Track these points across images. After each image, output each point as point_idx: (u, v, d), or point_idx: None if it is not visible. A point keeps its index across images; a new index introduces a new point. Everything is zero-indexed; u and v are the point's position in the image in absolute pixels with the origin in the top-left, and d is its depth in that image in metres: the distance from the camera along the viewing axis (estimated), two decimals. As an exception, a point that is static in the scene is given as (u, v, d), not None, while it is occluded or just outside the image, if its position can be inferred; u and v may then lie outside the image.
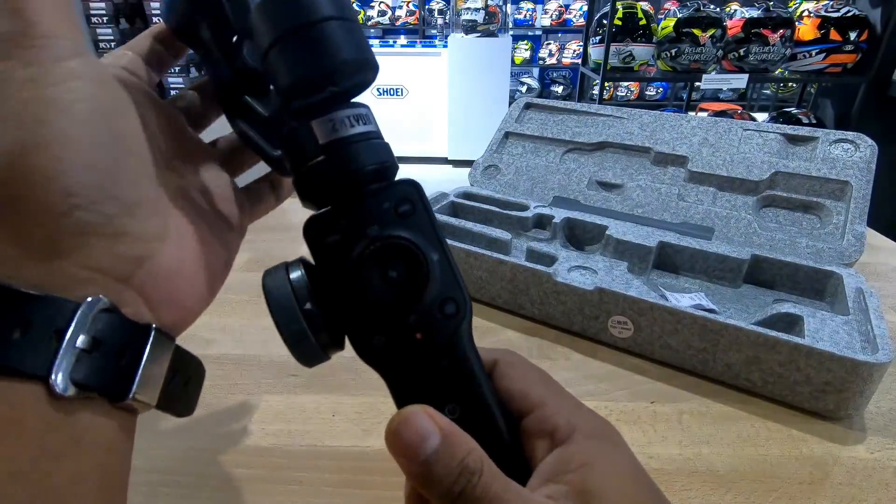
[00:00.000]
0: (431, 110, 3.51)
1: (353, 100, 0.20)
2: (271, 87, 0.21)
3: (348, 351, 0.35)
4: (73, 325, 0.16)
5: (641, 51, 2.12)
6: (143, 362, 0.17)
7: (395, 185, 0.19)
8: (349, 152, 0.18)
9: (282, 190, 0.28)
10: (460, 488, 0.17)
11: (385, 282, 0.19)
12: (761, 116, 2.58)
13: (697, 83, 2.08)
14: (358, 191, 0.19)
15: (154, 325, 0.18)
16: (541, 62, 4.74)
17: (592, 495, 0.18)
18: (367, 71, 0.19)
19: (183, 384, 0.19)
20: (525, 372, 0.22)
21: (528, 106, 0.73)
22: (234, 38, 0.23)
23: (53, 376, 0.15)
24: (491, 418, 0.20)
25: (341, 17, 0.18)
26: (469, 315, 0.20)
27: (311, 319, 0.19)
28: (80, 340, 0.16)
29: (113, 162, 0.17)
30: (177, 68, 5.23)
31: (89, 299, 0.16)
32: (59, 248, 0.16)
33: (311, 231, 0.19)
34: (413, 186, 0.20)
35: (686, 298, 0.48)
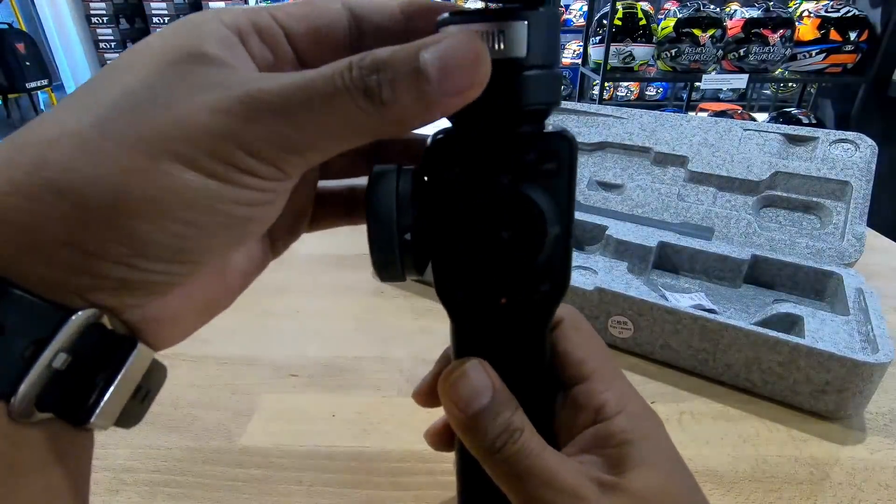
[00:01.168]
0: (431, 110, 3.51)
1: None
2: None
3: (348, 351, 0.35)
4: (57, 337, 0.14)
5: (641, 51, 2.12)
6: (113, 386, 0.15)
7: (548, 137, 0.17)
8: (525, 78, 0.15)
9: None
10: (502, 443, 0.18)
11: (491, 237, 0.17)
12: (761, 116, 2.58)
13: (697, 83, 2.08)
14: (511, 123, 0.16)
15: (139, 342, 0.16)
16: (541, 62, 4.72)
17: (627, 469, 0.18)
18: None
19: (141, 400, 0.17)
20: (587, 339, 0.22)
21: (528, 106, 0.73)
22: None
23: (16, 399, 0.13)
24: (537, 390, 0.20)
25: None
26: (561, 298, 0.19)
27: (405, 248, 0.17)
28: (58, 359, 0.14)
29: (206, 245, 0.15)
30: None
31: (80, 312, 0.14)
32: (72, 272, 0.14)
33: (437, 149, 0.17)
34: (568, 143, 0.17)
35: (686, 298, 0.48)
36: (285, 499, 0.32)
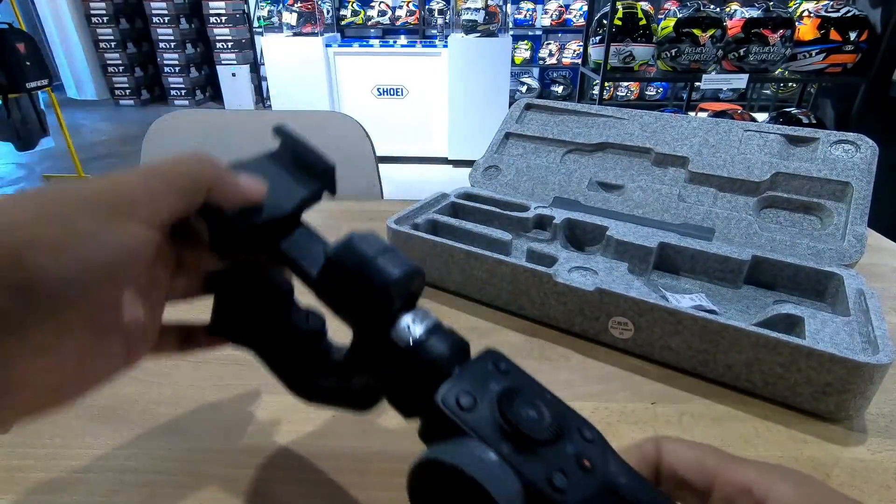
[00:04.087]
0: (432, 110, 3.51)
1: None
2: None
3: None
4: None
5: (641, 51, 2.12)
6: None
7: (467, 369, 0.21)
8: (426, 354, 0.21)
9: (191, 349, 0.27)
10: None
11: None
12: (761, 116, 2.58)
13: (697, 83, 2.08)
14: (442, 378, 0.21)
15: None
16: (541, 62, 4.75)
17: None
18: (416, 279, 0.23)
19: None
20: (691, 444, 0.21)
21: (528, 106, 0.73)
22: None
23: None
24: None
25: (388, 249, 0.22)
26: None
27: None
28: None
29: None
30: (177, 67, 5.24)
31: None
32: None
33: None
34: (491, 368, 0.21)
35: (686, 299, 0.48)
36: (285, 499, 0.32)
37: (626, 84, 4.33)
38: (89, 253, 0.18)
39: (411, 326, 0.22)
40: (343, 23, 4.65)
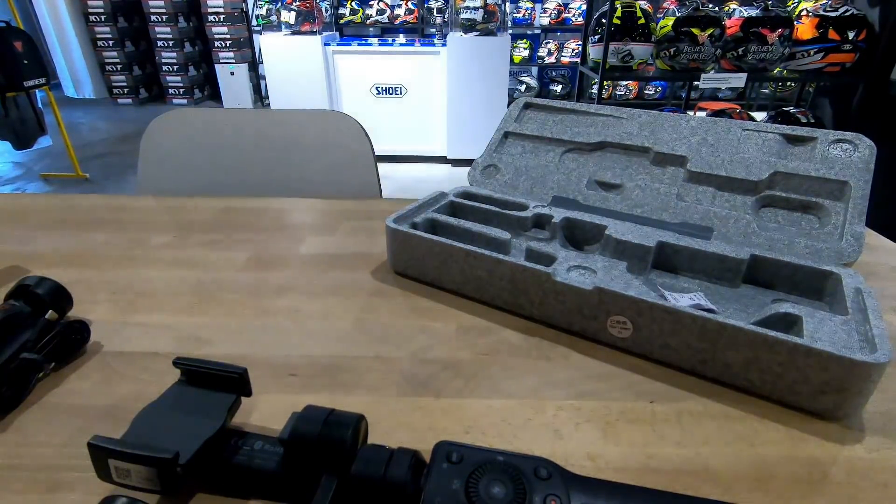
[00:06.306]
0: (430, 109, 3.51)
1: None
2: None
3: (348, 350, 0.35)
4: None
5: (640, 50, 2.12)
6: None
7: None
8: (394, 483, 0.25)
9: None
10: None
11: None
12: (760, 115, 2.59)
13: (696, 82, 2.08)
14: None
15: None
16: (540, 61, 4.75)
17: None
18: (363, 422, 0.29)
19: None
20: None
21: (527, 105, 0.73)
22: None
23: None
24: None
25: (330, 410, 0.28)
26: None
27: None
28: None
29: None
30: (175, 66, 5.23)
31: None
32: None
33: None
34: None
35: (685, 298, 0.48)
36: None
37: (624, 83, 4.33)
38: None
39: (374, 460, 0.25)
40: (342, 21, 4.64)
